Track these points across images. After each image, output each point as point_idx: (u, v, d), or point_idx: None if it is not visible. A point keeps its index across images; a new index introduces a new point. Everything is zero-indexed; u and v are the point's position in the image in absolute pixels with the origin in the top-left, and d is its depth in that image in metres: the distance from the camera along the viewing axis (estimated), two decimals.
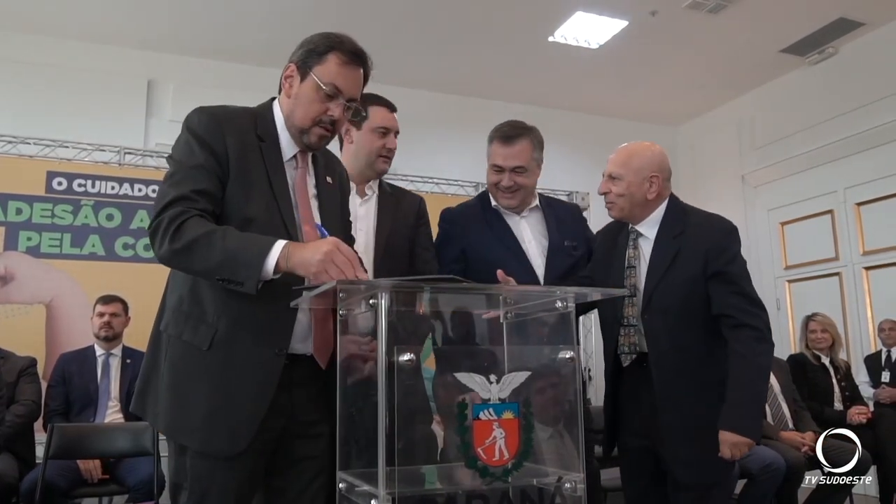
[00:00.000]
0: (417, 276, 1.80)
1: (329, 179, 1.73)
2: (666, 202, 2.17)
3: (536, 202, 2.46)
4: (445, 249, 2.38)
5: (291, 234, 1.55)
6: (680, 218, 2.14)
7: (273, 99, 1.70)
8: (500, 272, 1.79)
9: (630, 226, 2.19)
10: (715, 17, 5.13)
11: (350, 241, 1.78)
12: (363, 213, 2.21)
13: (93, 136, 4.89)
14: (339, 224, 1.72)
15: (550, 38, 5.48)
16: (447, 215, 2.49)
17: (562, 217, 2.49)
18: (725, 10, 5.04)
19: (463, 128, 6.25)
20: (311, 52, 1.60)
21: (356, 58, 1.62)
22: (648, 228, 2.15)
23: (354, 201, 2.17)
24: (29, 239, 4.45)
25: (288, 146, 1.65)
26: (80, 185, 4.64)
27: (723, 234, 2.11)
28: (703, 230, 2.11)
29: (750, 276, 2.11)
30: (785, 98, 6.18)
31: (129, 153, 4.85)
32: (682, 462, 2.01)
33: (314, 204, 1.67)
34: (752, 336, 1.99)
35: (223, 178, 1.53)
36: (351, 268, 1.37)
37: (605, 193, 2.18)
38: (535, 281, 2.30)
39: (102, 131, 4.98)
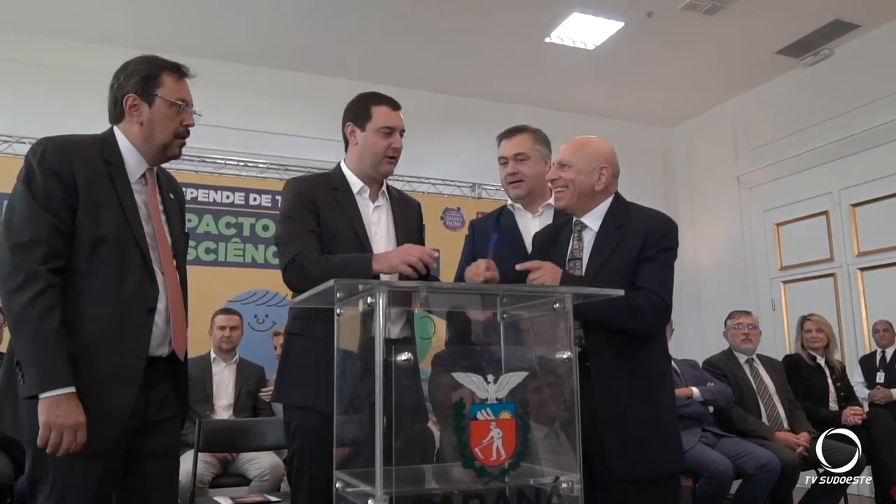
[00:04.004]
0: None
1: (171, 196, 1.90)
2: (612, 198, 2.16)
3: (551, 200, 2.43)
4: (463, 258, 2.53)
5: (142, 248, 1.69)
6: (624, 212, 2.13)
7: (111, 127, 1.86)
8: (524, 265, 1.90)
9: (574, 219, 2.17)
10: (711, 18, 5.15)
11: (185, 248, 1.90)
12: (376, 219, 2.16)
13: None
14: (181, 235, 1.89)
15: (547, 39, 5.48)
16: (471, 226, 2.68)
17: None
18: (721, 11, 5.05)
19: (459, 128, 6.24)
20: (147, 79, 1.81)
21: (182, 71, 1.86)
22: (593, 220, 2.13)
23: (367, 206, 2.15)
24: None
25: (135, 167, 1.79)
26: None
27: (663, 224, 2.10)
28: (645, 221, 2.10)
29: (673, 273, 2.09)
30: (780, 99, 6.19)
31: None
32: (618, 454, 1.92)
33: (163, 218, 1.81)
34: (655, 300, 1.97)
35: (72, 203, 1.64)
36: None
37: (554, 180, 2.15)
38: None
39: (98, 131, 4.94)
